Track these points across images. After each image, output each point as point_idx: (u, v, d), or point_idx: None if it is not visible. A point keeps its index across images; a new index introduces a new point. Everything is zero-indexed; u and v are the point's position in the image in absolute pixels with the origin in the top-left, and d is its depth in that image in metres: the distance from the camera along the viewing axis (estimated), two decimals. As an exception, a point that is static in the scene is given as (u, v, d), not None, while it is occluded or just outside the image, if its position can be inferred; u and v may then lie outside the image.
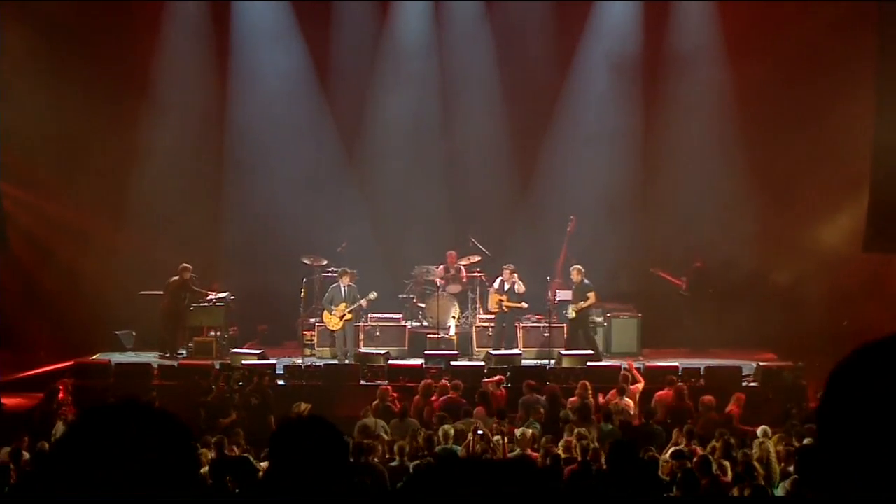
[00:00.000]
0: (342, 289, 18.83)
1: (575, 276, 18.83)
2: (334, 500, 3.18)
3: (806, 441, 12.23)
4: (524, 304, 19.15)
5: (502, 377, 16.60)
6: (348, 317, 18.78)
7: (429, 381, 16.05)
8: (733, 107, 20.89)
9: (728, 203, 20.93)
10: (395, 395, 15.53)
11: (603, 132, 21.33)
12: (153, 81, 21.12)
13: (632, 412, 14.99)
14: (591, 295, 18.69)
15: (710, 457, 11.24)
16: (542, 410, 14.69)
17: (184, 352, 19.40)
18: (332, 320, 18.80)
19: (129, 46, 20.86)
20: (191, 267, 19.55)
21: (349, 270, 18.99)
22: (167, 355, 19.13)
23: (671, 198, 21.27)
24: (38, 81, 20.10)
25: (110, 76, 20.69)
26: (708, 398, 14.94)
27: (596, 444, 12.29)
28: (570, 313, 18.79)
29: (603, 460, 10.82)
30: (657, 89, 21.38)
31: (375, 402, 14.93)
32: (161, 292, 19.58)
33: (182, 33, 21.21)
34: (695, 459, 11.01)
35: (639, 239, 21.23)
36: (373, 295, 18.84)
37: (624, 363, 17.42)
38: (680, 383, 15.90)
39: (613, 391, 15.52)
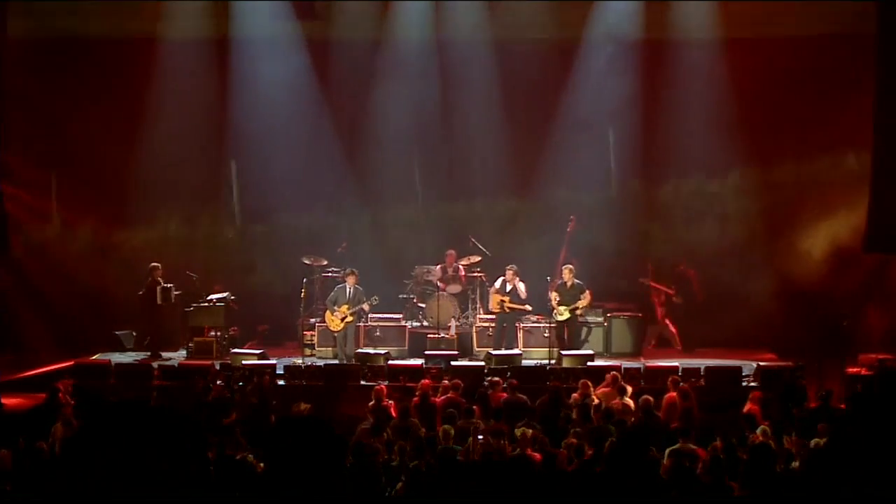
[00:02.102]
0: (347, 290, 18.82)
1: (566, 276, 18.73)
2: (334, 501, 3.17)
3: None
4: (528, 307, 19.08)
5: (501, 379, 16.53)
6: (349, 318, 18.76)
7: (427, 381, 16.00)
8: (734, 108, 20.84)
9: (727, 202, 20.90)
10: (386, 396, 15.39)
11: (603, 131, 21.31)
12: (153, 82, 21.11)
13: (631, 412, 14.96)
14: (586, 295, 18.61)
15: (719, 454, 11.26)
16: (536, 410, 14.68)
17: (169, 354, 19.26)
18: (334, 321, 18.77)
19: (128, 48, 20.84)
20: (159, 265, 19.47)
21: (355, 271, 18.95)
22: (147, 356, 19.09)
23: (671, 197, 21.28)
24: (38, 81, 20.12)
25: (111, 77, 20.73)
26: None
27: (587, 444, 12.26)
28: (563, 314, 18.70)
29: (602, 460, 10.82)
30: (658, 88, 21.32)
31: (371, 403, 14.93)
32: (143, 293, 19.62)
33: (182, 34, 21.19)
34: (698, 459, 11.02)
35: (639, 238, 21.22)
36: (374, 300, 18.80)
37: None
38: (684, 384, 15.87)
39: (608, 390, 15.47)
